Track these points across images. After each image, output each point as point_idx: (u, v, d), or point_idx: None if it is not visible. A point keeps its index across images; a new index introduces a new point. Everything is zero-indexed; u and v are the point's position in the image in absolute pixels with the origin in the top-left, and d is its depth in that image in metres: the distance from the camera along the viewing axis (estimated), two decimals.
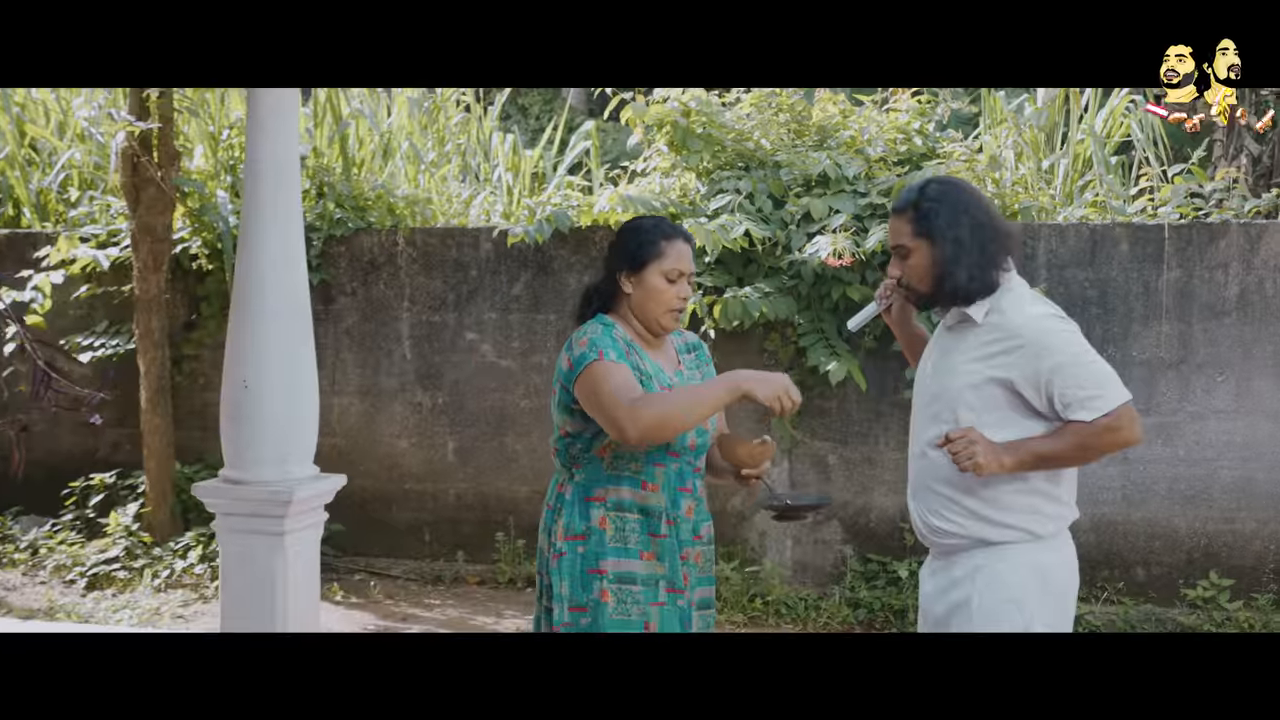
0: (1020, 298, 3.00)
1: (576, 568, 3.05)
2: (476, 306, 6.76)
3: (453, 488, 6.87)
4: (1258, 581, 5.94)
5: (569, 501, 3.10)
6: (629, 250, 3.15)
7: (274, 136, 4.13)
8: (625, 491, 3.06)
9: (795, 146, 6.62)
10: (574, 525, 3.07)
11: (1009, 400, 2.92)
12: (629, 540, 3.06)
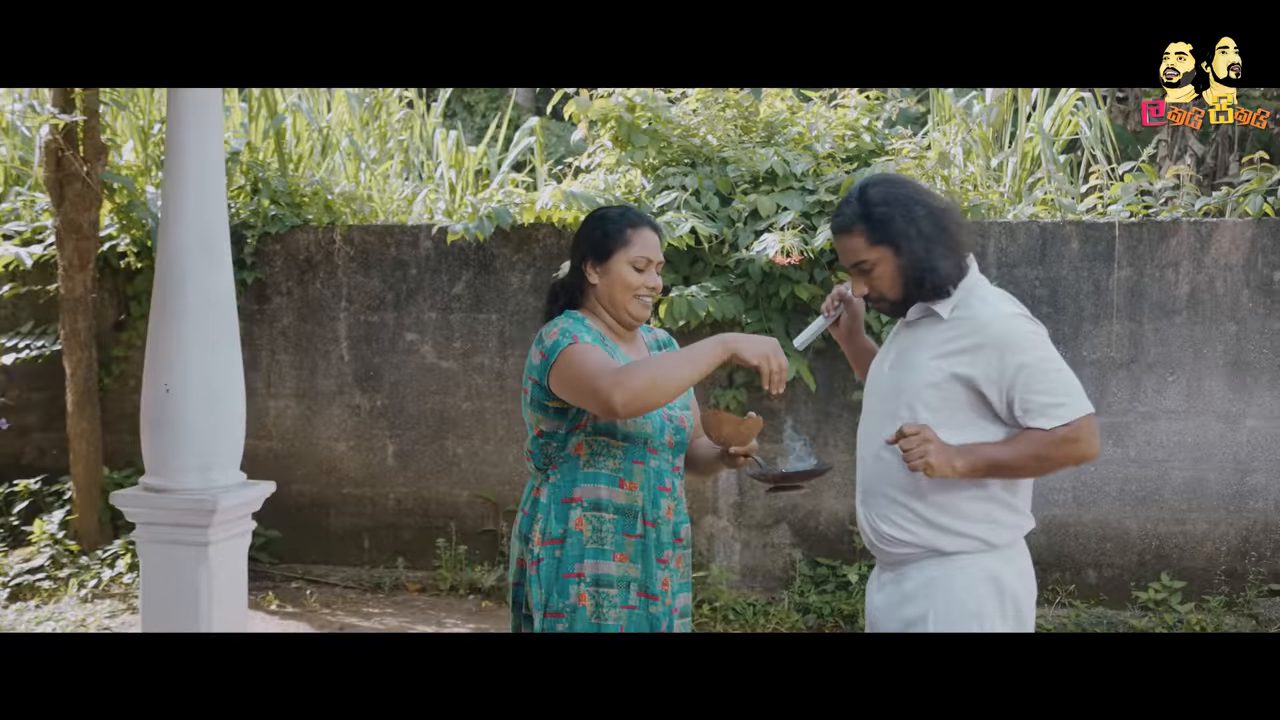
0: (987, 294, 2.87)
1: (553, 572, 2.93)
2: (416, 306, 6.59)
3: (393, 492, 6.69)
4: (1209, 583, 5.88)
5: (545, 505, 2.97)
6: (594, 240, 3.02)
7: (196, 130, 3.96)
8: (603, 490, 2.94)
9: (742, 143, 6.49)
10: (551, 529, 2.95)
11: (970, 401, 2.79)
12: (604, 541, 2.94)
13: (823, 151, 6.34)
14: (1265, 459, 5.85)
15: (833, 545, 6.15)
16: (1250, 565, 5.86)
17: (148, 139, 7.18)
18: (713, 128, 6.56)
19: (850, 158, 6.41)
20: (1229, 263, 5.86)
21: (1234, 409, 5.87)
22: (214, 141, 4.03)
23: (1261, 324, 5.83)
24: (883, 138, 6.69)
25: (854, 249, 2.85)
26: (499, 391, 6.51)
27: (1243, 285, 5.85)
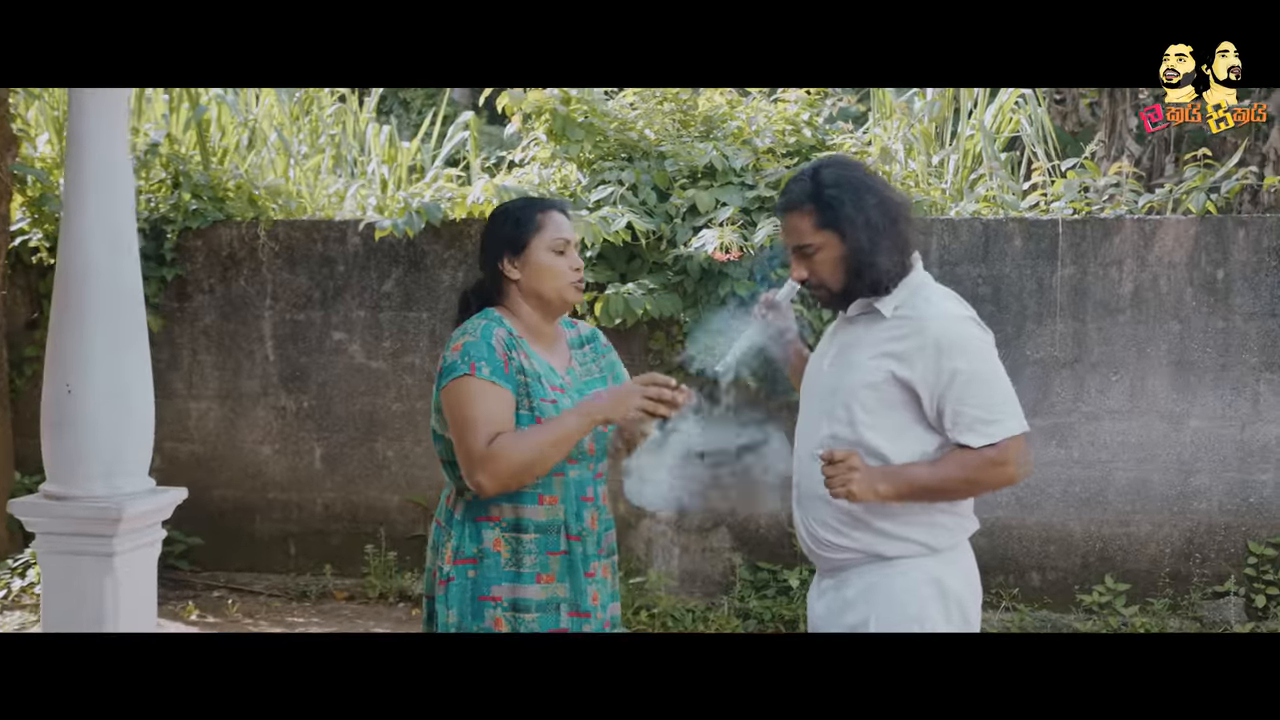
0: (932, 294, 2.72)
1: (466, 594, 2.75)
2: (344, 304, 6.37)
3: (320, 497, 6.46)
4: (1153, 585, 5.80)
5: (459, 521, 2.78)
6: (506, 233, 2.85)
7: (99, 122, 3.76)
8: (523, 509, 2.75)
9: (680, 137, 6.34)
10: (464, 548, 2.76)
11: (908, 403, 2.65)
12: (523, 564, 2.75)
13: (762, 146, 6.20)
14: (1208, 459, 5.78)
15: (773, 549, 6.00)
16: (1194, 567, 5.78)
17: (63, 130, 6.90)
18: (650, 121, 6.41)
19: (790, 153, 6.27)
20: (1172, 261, 5.78)
21: (1177, 409, 5.79)
22: (118, 134, 3.83)
23: (1205, 323, 5.76)
24: (823, 133, 6.57)
25: (800, 230, 2.70)
26: (430, 392, 6.28)
27: (1186, 283, 5.77)
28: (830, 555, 2.73)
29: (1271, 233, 5.72)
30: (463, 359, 2.70)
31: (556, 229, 2.85)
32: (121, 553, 3.72)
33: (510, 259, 2.84)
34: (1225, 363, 5.76)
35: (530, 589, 2.75)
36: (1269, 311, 5.72)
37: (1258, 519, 5.77)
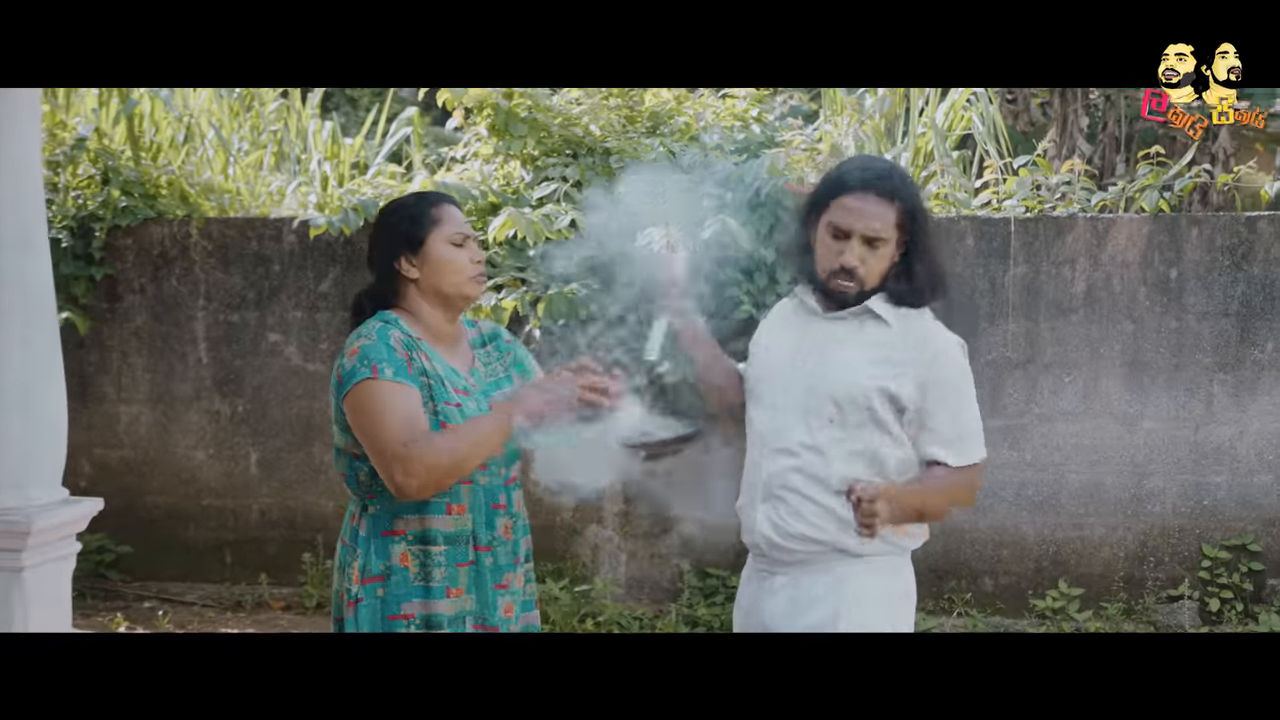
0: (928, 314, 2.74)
1: (376, 614, 2.62)
2: (280, 305, 6.17)
3: (256, 503, 6.26)
4: (1107, 590, 5.71)
5: (364, 538, 2.64)
6: (401, 231, 2.70)
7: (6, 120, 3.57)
8: (430, 520, 2.62)
9: (627, 133, 6.19)
10: (371, 566, 2.62)
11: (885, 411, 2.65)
12: (432, 578, 2.62)
13: (711, 143, 6.06)
14: (1162, 461, 5.70)
15: (722, 555, 5.86)
16: (1149, 571, 5.70)
17: None
18: (595, 117, 6.25)
19: (739, 150, 6.14)
20: (1126, 260, 5.70)
21: (1131, 410, 5.71)
22: (27, 132, 3.70)
23: (1158, 323, 5.68)
24: (773, 130, 6.44)
25: (884, 219, 2.63)
26: None
27: (1139, 283, 5.69)
28: (796, 549, 2.68)
29: (1225, 231, 5.65)
30: (362, 363, 2.56)
31: (454, 222, 2.72)
32: (31, 566, 3.55)
33: (408, 257, 2.69)
34: (1179, 363, 5.68)
35: (441, 604, 2.62)
36: (1222, 311, 5.65)
37: (1211, 521, 5.70)
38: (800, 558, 2.68)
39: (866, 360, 2.65)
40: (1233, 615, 5.57)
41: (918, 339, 2.67)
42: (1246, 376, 5.66)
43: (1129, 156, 10.77)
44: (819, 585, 2.66)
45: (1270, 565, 5.67)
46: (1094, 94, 11.76)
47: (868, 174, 2.65)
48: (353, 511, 2.70)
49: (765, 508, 2.71)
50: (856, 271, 2.63)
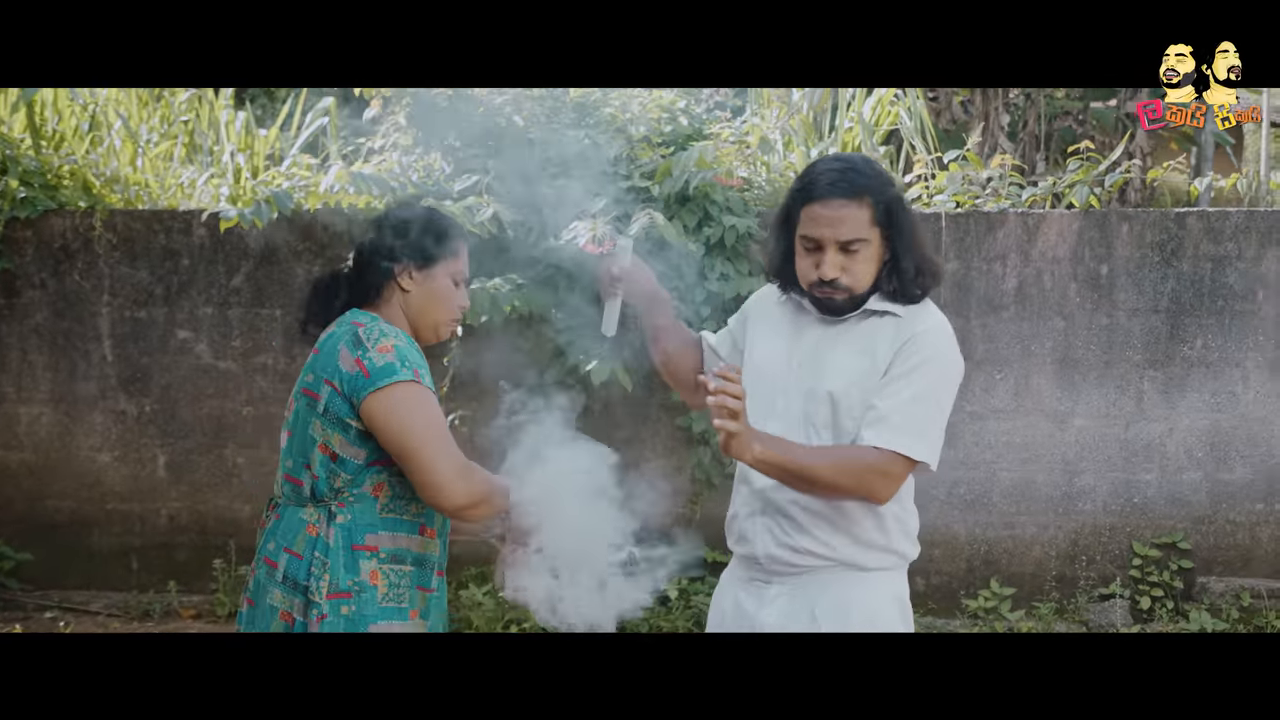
0: (934, 309, 2.58)
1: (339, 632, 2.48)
2: (189, 300, 5.91)
3: (164, 508, 6.00)
4: (1039, 589, 5.66)
5: (332, 550, 2.47)
6: (420, 241, 2.58)
7: None
8: (403, 539, 2.52)
9: (550, 124, 6.01)
10: (339, 581, 2.46)
11: None
12: (402, 598, 2.52)
13: (637, 135, 5.91)
14: (1093, 459, 5.66)
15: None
16: (1080, 570, 5.66)
17: None
18: (518, 107, 6.07)
19: (667, 142, 6.00)
20: (1056, 256, 5.64)
21: (1062, 408, 5.66)
22: None
23: (1089, 319, 5.63)
24: (700, 122, 6.31)
25: (857, 222, 2.46)
26: (284, 395, 5.86)
27: (1070, 279, 5.64)
28: (799, 562, 2.52)
29: (1154, 228, 5.61)
30: (402, 363, 2.44)
31: (463, 260, 2.65)
32: None
33: (413, 269, 2.57)
34: (1109, 360, 5.64)
35: (406, 626, 2.53)
36: (1152, 308, 5.61)
37: (1142, 519, 5.67)
38: (801, 570, 2.53)
39: (867, 362, 2.50)
40: (1163, 613, 5.54)
41: (913, 320, 2.52)
42: (1176, 373, 5.63)
43: (1048, 155, 10.83)
44: (821, 604, 2.51)
45: (1200, 563, 5.65)
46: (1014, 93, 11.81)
47: (832, 176, 2.48)
48: (310, 520, 2.50)
49: (766, 520, 2.55)
50: (839, 281, 2.47)
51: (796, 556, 2.52)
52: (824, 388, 2.50)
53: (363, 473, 2.49)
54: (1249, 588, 5.51)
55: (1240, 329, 5.59)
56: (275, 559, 2.52)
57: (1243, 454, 5.64)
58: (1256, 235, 5.57)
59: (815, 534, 2.50)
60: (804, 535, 2.51)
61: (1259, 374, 5.61)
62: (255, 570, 2.59)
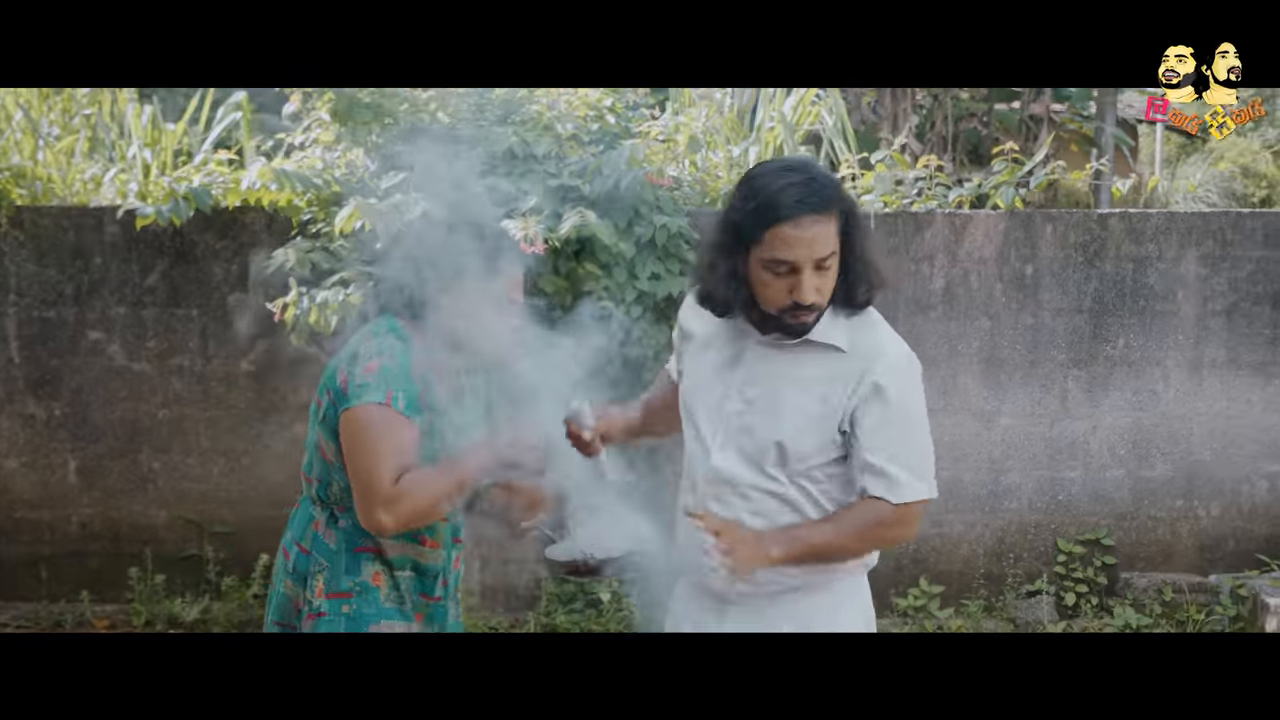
0: (883, 326, 2.47)
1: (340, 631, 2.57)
2: (101, 300, 5.71)
3: (75, 514, 5.79)
4: (967, 587, 5.70)
5: (334, 551, 2.58)
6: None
7: None
8: (399, 547, 2.59)
9: (477, 121, 5.91)
10: (338, 581, 2.57)
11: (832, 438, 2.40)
12: (403, 601, 2.61)
13: (565, 132, 5.83)
14: (1019, 457, 5.72)
15: None
16: (1007, 567, 5.71)
17: None
18: (444, 103, 5.96)
19: (595, 140, 5.93)
20: (983, 256, 5.69)
21: (988, 406, 5.71)
22: None
23: (1014, 319, 5.69)
24: (626, 120, 6.25)
25: (828, 237, 2.30)
26: (202, 397, 5.72)
27: (996, 279, 5.69)
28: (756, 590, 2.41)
29: (1078, 229, 5.68)
30: (379, 384, 2.46)
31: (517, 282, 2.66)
32: None
33: None
34: (1034, 359, 5.70)
35: (411, 626, 2.61)
36: (1076, 307, 5.68)
37: (1066, 516, 5.74)
38: (762, 595, 2.43)
39: (818, 407, 2.37)
40: (1088, 609, 5.62)
41: (867, 351, 2.40)
42: (1099, 372, 5.71)
43: (955, 156, 10.97)
44: (785, 624, 2.42)
45: (1123, 559, 5.74)
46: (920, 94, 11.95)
47: (797, 192, 2.28)
48: (315, 518, 2.62)
49: None
50: (816, 303, 2.33)
51: (753, 586, 2.40)
52: (772, 437, 2.38)
53: None
54: (1170, 582, 5.61)
55: (1161, 328, 5.69)
56: (289, 550, 2.66)
57: (1163, 451, 5.74)
58: (1177, 236, 5.66)
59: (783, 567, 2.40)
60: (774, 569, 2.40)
61: (1179, 373, 5.71)
62: (277, 558, 2.72)
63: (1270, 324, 5.72)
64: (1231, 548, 5.79)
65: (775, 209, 2.28)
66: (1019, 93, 12.18)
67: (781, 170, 2.34)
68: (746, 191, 2.35)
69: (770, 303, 2.35)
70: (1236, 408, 5.74)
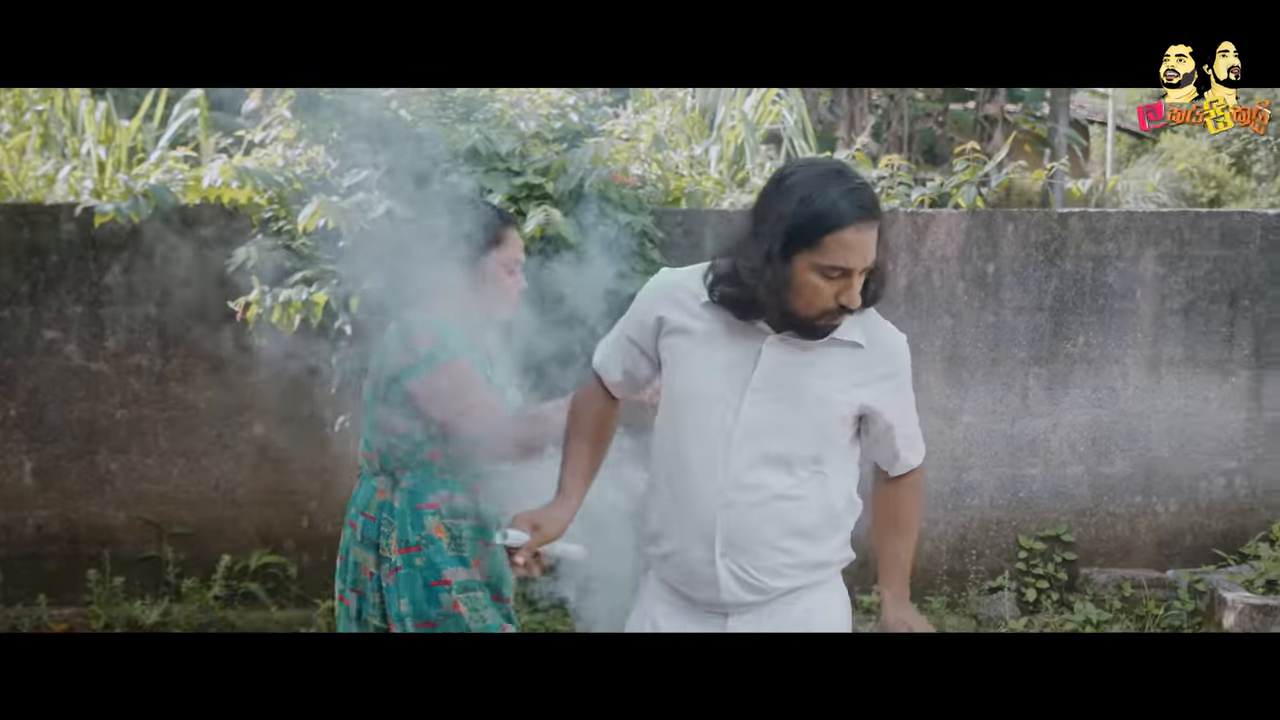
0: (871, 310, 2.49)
1: (416, 582, 2.87)
2: (58, 299, 5.63)
3: (31, 516, 5.71)
4: (931, 584, 5.74)
5: (399, 510, 2.90)
6: None
7: None
8: (459, 497, 2.90)
9: (440, 118, 5.88)
10: (407, 537, 2.88)
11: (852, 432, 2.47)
12: (464, 548, 2.90)
13: (529, 130, 5.81)
14: (980, 455, 5.76)
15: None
16: (970, 564, 5.75)
17: None
18: (405, 101, 5.92)
19: (558, 138, 5.91)
20: (945, 255, 5.72)
21: (950, 404, 5.75)
22: None
23: (976, 317, 5.73)
24: (589, 118, 6.24)
25: (875, 244, 2.32)
26: (160, 397, 5.65)
27: (958, 278, 5.73)
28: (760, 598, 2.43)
29: (1039, 228, 5.73)
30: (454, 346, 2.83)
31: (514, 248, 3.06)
32: None
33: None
34: (996, 357, 5.75)
35: (471, 571, 2.89)
36: (1036, 306, 5.74)
37: (1027, 513, 5.79)
38: (763, 602, 2.43)
39: (848, 385, 2.39)
40: (1049, 604, 5.67)
41: (885, 351, 2.45)
42: (1060, 370, 5.76)
43: (911, 155, 11.04)
44: (787, 621, 2.42)
45: (1082, 554, 5.80)
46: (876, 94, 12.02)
47: (860, 198, 2.27)
48: (379, 487, 2.94)
49: (729, 564, 2.38)
50: (851, 307, 2.31)
51: (758, 595, 2.41)
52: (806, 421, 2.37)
53: (420, 444, 2.89)
54: (1129, 578, 5.67)
55: (1120, 326, 5.75)
56: (355, 521, 2.98)
57: (1122, 448, 5.80)
58: (1135, 235, 5.73)
59: (783, 571, 2.40)
60: (773, 575, 2.40)
61: (1137, 370, 5.78)
62: (344, 532, 3.02)
63: (1226, 322, 5.80)
64: (1189, 543, 5.86)
65: (838, 215, 2.25)
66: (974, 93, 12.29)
67: (833, 175, 2.30)
68: (801, 195, 2.28)
69: (813, 306, 2.30)
70: (1194, 405, 5.82)
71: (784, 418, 2.36)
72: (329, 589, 5.55)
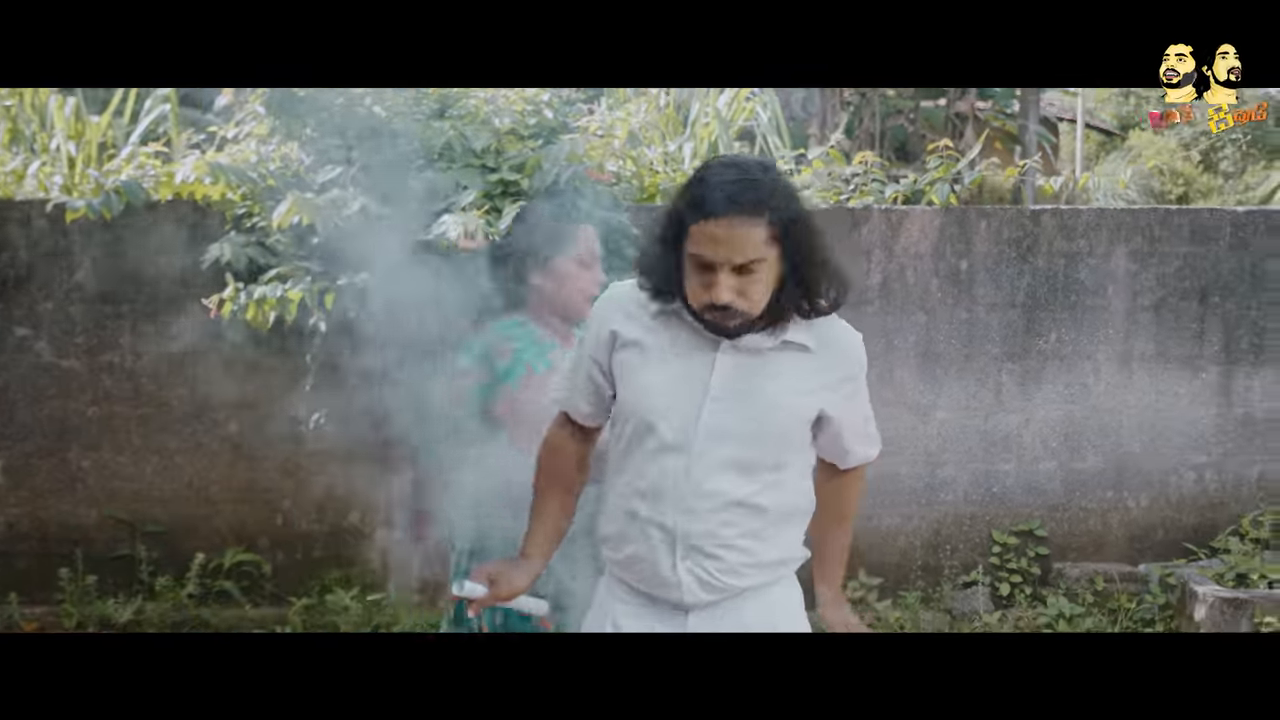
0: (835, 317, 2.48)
1: None
2: (28, 296, 5.59)
3: (2, 515, 5.66)
4: (905, 579, 5.77)
5: None
6: None
7: None
8: None
9: (414, 114, 5.86)
10: None
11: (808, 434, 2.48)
12: None
13: (504, 127, 5.80)
14: (954, 450, 5.79)
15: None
16: (944, 559, 5.78)
17: None
18: (379, 97, 5.89)
19: (534, 135, 5.90)
20: (919, 251, 5.75)
21: (924, 400, 5.77)
22: None
23: (950, 314, 5.76)
24: (564, 114, 6.23)
25: (749, 242, 2.22)
26: (133, 394, 5.62)
27: (932, 274, 5.75)
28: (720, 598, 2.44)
29: (1011, 225, 5.76)
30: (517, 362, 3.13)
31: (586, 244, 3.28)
32: None
33: None
34: (969, 353, 5.78)
35: None
36: (1009, 302, 5.77)
37: (1000, 508, 5.83)
38: (723, 599, 2.44)
39: (806, 389, 2.39)
40: (1022, 599, 5.70)
41: (839, 353, 2.43)
42: (1032, 366, 5.80)
43: (883, 152, 11.07)
44: (746, 615, 2.43)
45: (1055, 549, 5.83)
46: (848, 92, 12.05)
47: (729, 190, 2.20)
48: None
49: (690, 565, 2.39)
50: (732, 305, 2.26)
51: (717, 595, 2.42)
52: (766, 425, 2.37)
53: None
54: (1102, 572, 5.71)
55: (1092, 323, 5.79)
56: None
57: (1094, 444, 5.85)
58: (1106, 232, 5.77)
59: (742, 572, 2.41)
60: (732, 575, 2.41)
61: (1109, 366, 5.82)
62: None
63: (1197, 318, 5.85)
64: (1160, 537, 5.91)
65: (706, 202, 2.22)
66: (945, 90, 12.33)
67: (724, 167, 2.27)
68: (687, 184, 2.31)
69: (692, 298, 2.31)
70: (1165, 400, 5.86)
71: (744, 425, 2.36)
72: (303, 586, 5.56)
